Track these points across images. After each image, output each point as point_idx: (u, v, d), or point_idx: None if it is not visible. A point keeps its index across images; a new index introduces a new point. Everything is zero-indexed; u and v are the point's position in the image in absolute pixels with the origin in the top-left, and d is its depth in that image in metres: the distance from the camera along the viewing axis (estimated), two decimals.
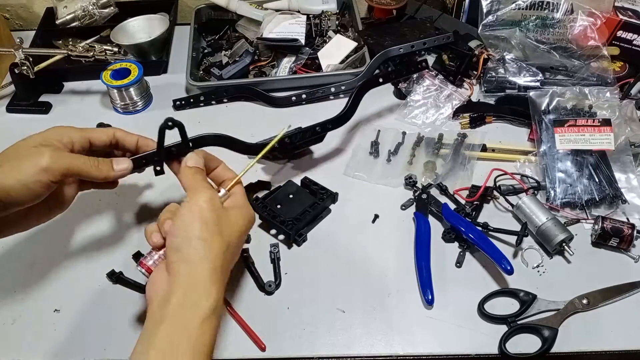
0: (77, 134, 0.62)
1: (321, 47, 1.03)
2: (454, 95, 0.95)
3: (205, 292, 0.51)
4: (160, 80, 1.04)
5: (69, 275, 0.72)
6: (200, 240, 0.53)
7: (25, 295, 0.70)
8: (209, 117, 0.96)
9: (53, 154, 0.57)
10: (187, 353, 0.48)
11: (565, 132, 0.82)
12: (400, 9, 1.09)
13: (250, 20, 1.08)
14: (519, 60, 0.95)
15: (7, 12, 1.23)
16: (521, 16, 0.98)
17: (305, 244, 0.76)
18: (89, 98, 1.01)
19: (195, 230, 0.54)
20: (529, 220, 0.74)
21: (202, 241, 0.53)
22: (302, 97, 0.97)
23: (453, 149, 0.86)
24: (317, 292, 0.70)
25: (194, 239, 0.53)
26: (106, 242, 0.77)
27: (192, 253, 0.53)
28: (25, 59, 0.91)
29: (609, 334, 0.65)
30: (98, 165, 0.61)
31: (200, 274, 0.52)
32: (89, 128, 0.64)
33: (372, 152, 0.87)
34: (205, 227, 0.54)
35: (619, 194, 0.77)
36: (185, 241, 0.53)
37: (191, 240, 0.53)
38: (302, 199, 0.78)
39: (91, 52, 0.97)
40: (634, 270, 0.72)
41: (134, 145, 0.66)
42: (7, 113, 0.98)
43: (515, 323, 0.66)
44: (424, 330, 0.66)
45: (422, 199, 0.79)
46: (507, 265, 0.67)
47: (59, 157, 0.58)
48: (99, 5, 1.14)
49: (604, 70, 0.94)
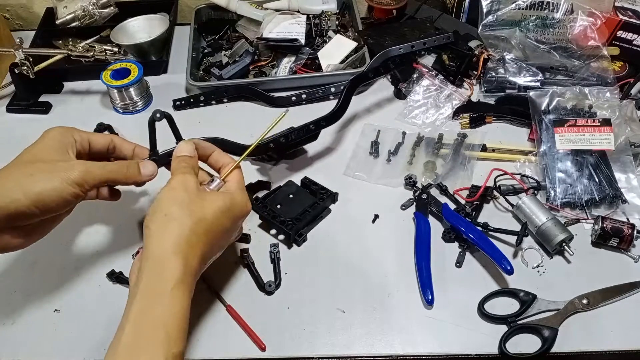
0: (78, 135, 0.63)
1: (321, 47, 1.03)
2: (454, 95, 0.95)
3: (170, 262, 0.52)
4: (160, 80, 1.04)
5: (69, 275, 0.72)
6: (165, 216, 0.54)
7: (25, 295, 0.70)
8: (209, 117, 0.96)
9: (84, 167, 0.59)
10: (159, 319, 0.50)
11: (565, 132, 0.82)
12: (400, 9, 1.09)
13: (250, 20, 1.08)
14: (519, 60, 0.95)
15: (7, 12, 1.23)
16: (521, 16, 0.98)
17: (305, 244, 0.76)
18: (89, 98, 1.01)
19: (163, 207, 0.55)
20: (529, 220, 0.74)
21: (167, 216, 0.54)
22: (302, 97, 0.97)
23: (453, 149, 0.86)
24: (317, 292, 0.70)
25: (160, 214, 0.55)
26: (106, 242, 0.77)
27: (158, 227, 0.54)
28: (25, 59, 0.91)
29: (609, 334, 0.65)
30: (127, 171, 0.63)
31: (164, 246, 0.53)
32: (88, 131, 0.65)
33: (372, 152, 0.87)
34: (174, 203, 0.55)
35: (619, 194, 0.77)
36: (153, 217, 0.55)
37: (157, 215, 0.55)
38: (302, 199, 0.78)
39: (91, 52, 0.97)
40: (634, 270, 0.72)
41: (131, 153, 0.67)
42: (7, 113, 0.98)
43: (515, 323, 0.66)
44: (424, 330, 0.66)
45: (422, 199, 0.79)
46: (507, 265, 0.67)
47: (90, 168, 0.59)
48: (99, 5, 1.14)
49: (604, 70, 0.94)
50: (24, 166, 0.57)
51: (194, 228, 0.55)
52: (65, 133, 0.61)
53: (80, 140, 0.62)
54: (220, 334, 0.66)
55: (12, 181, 0.55)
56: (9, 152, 0.90)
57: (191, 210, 0.56)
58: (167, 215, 0.55)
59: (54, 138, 0.60)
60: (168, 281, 0.52)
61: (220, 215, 0.58)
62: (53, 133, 0.61)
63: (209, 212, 0.57)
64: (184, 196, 0.56)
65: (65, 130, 0.62)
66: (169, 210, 0.55)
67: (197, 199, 0.57)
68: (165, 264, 0.52)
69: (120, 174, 0.62)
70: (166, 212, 0.55)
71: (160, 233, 0.54)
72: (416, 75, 0.97)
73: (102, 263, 0.74)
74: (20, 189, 0.55)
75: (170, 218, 0.54)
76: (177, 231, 0.54)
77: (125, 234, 0.77)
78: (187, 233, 0.54)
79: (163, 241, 0.54)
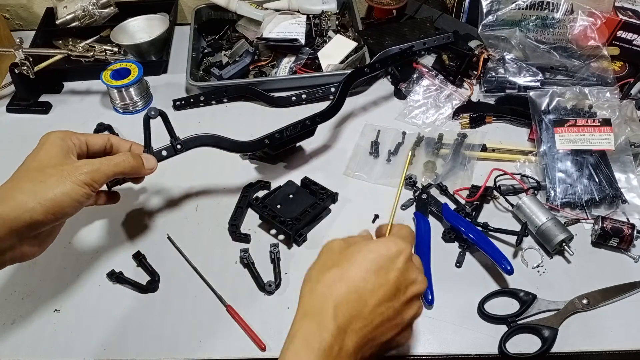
0: (76, 138, 0.63)
1: (321, 47, 1.03)
2: (454, 95, 0.95)
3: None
4: (160, 80, 1.04)
5: (69, 275, 0.72)
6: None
7: (25, 295, 0.70)
8: (209, 117, 0.96)
9: (91, 166, 0.59)
10: None
11: (565, 132, 0.82)
12: (400, 9, 1.09)
13: (250, 20, 1.08)
14: (519, 60, 0.95)
15: (7, 12, 1.23)
16: (521, 16, 0.98)
17: (305, 244, 0.76)
18: (89, 98, 1.01)
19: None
20: (529, 220, 0.74)
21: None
22: (302, 97, 0.97)
23: (453, 149, 0.86)
24: None
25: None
26: (106, 242, 0.77)
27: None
28: (25, 59, 0.91)
29: (609, 334, 0.65)
30: (134, 161, 0.64)
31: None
32: (85, 133, 0.65)
33: (372, 152, 0.87)
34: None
35: (619, 194, 0.77)
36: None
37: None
38: (302, 199, 0.78)
39: (91, 52, 0.97)
40: (634, 270, 0.72)
41: (127, 150, 0.67)
42: (7, 113, 0.98)
43: (515, 323, 0.66)
44: (424, 330, 0.66)
45: (422, 199, 0.79)
46: (507, 265, 0.67)
47: (97, 165, 0.60)
48: (99, 5, 1.14)
49: (604, 70, 0.94)
50: (33, 174, 0.57)
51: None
52: (64, 137, 0.61)
53: (79, 144, 0.63)
54: (220, 334, 0.66)
55: (24, 191, 0.55)
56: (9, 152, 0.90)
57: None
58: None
59: (54, 143, 0.60)
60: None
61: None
62: (52, 138, 0.60)
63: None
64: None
65: (63, 134, 0.62)
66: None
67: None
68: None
69: (127, 165, 0.63)
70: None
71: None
72: (416, 75, 0.97)
73: (102, 263, 0.74)
74: (33, 198, 0.54)
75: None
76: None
77: (126, 234, 0.77)
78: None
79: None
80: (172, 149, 0.71)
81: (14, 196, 0.54)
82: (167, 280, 0.72)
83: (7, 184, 0.57)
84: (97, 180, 0.59)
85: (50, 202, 0.55)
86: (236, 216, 0.78)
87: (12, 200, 0.54)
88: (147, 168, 0.66)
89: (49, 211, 0.55)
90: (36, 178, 0.56)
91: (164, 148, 0.70)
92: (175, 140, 0.71)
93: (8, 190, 0.55)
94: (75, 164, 0.59)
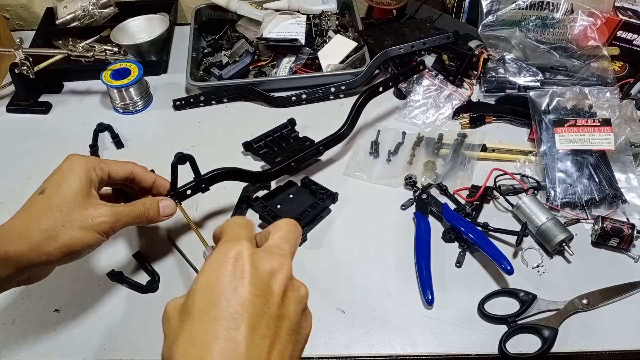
0: (100, 170, 0.61)
1: (321, 47, 1.03)
2: (454, 95, 0.95)
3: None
4: (160, 80, 1.04)
5: (69, 275, 0.72)
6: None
7: (25, 295, 0.70)
8: (209, 117, 0.96)
9: (114, 217, 0.59)
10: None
11: (565, 132, 0.82)
12: (400, 9, 1.09)
13: (250, 20, 1.08)
14: (519, 60, 0.95)
15: (7, 12, 1.23)
16: (521, 16, 0.98)
17: (305, 244, 0.76)
18: (89, 98, 1.01)
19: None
20: (529, 220, 0.74)
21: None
22: (302, 97, 0.97)
23: (453, 149, 0.86)
24: (317, 292, 0.70)
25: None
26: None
27: None
28: (25, 59, 0.91)
29: (609, 334, 0.65)
30: (149, 215, 0.63)
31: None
32: (109, 160, 0.64)
33: (372, 152, 0.87)
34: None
35: (619, 194, 0.77)
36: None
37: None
38: (302, 199, 0.78)
39: (91, 52, 0.97)
40: (634, 270, 0.72)
41: (150, 184, 0.67)
42: (7, 113, 0.98)
43: (515, 323, 0.66)
44: (424, 330, 0.66)
45: (422, 199, 0.79)
46: (507, 265, 0.67)
47: (118, 215, 0.59)
48: (99, 5, 1.14)
49: (604, 70, 0.94)
50: (55, 215, 0.56)
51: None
52: (89, 169, 0.59)
53: (102, 175, 0.61)
54: None
55: (43, 232, 0.54)
56: (9, 152, 0.90)
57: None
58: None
59: (78, 176, 0.58)
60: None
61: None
62: (76, 169, 0.59)
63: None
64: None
65: (87, 164, 0.60)
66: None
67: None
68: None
69: (143, 218, 0.63)
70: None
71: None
72: (416, 75, 0.97)
73: (102, 263, 0.74)
74: (53, 242, 0.55)
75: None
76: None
77: (126, 234, 0.77)
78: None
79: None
80: (197, 188, 0.70)
81: (33, 237, 0.54)
82: (167, 280, 0.72)
83: (26, 215, 0.56)
84: (115, 229, 0.60)
85: (67, 248, 0.55)
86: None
87: (31, 240, 0.54)
88: (163, 216, 0.65)
89: (64, 254, 0.56)
90: (57, 219, 0.55)
91: (189, 187, 0.69)
92: (200, 180, 0.70)
93: (28, 228, 0.55)
94: (99, 210, 0.58)
